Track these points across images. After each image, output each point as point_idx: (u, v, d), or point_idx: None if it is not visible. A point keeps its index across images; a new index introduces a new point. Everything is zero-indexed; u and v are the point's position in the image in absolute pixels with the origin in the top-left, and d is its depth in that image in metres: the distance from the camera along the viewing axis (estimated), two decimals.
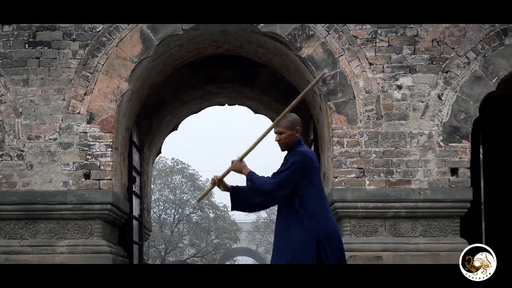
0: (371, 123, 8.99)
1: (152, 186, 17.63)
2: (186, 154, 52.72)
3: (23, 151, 8.92)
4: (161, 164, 39.23)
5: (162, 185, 39.88)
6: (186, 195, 40.48)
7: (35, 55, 9.05)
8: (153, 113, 11.87)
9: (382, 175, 8.91)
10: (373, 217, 8.92)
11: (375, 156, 8.94)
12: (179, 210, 40.36)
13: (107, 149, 8.95)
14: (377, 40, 9.09)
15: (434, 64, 9.05)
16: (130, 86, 9.16)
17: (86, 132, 8.96)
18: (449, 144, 8.95)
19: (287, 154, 5.66)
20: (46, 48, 9.05)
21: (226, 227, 40.40)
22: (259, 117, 13.37)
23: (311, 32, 9.10)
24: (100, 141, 8.94)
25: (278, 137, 5.61)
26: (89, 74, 9.02)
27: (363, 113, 8.99)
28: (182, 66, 10.57)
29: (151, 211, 15.63)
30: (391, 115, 9.01)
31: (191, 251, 40.50)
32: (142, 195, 11.62)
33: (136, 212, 10.84)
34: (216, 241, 40.44)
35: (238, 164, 5.58)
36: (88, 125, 8.97)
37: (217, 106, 13.19)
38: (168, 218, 40.34)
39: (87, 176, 8.91)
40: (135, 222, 10.74)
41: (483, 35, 9.05)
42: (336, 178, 8.91)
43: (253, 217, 41.57)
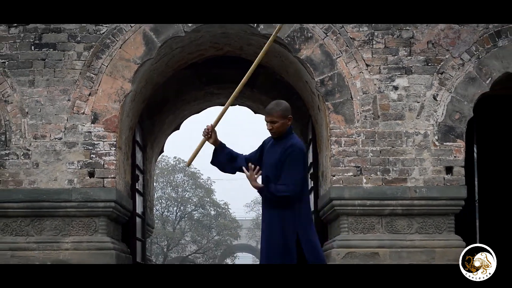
0: (368, 123, 9.00)
1: (154, 184, 17.63)
2: (187, 153, 52.68)
3: (29, 150, 8.94)
4: (164, 163, 39.27)
5: (165, 183, 39.90)
6: (188, 193, 40.51)
7: (41, 57, 9.06)
8: (155, 113, 11.88)
9: (378, 173, 8.92)
10: (370, 215, 8.93)
11: (372, 155, 8.95)
12: (181, 208, 40.39)
13: (111, 148, 8.97)
14: (374, 42, 9.10)
15: (430, 66, 9.06)
16: (133, 87, 9.17)
17: (90, 132, 8.97)
18: (444, 143, 8.96)
19: (279, 142, 5.62)
20: (52, 49, 9.07)
21: (227, 224, 40.44)
22: (259, 117, 13.37)
23: (309, 34, 9.11)
24: (104, 140, 8.96)
25: (271, 126, 5.57)
26: (93, 75, 9.04)
27: (360, 113, 9.00)
28: (184, 67, 10.57)
29: (154, 208, 15.62)
30: (387, 115, 9.02)
31: (192, 247, 40.53)
32: (145, 193, 11.63)
33: (139, 209, 10.85)
34: (217, 238, 40.47)
35: (253, 180, 5.53)
36: (92, 125, 8.98)
37: (218, 106, 13.19)
38: (171, 216, 40.37)
39: (91, 175, 8.93)
40: (138, 219, 10.75)
41: (477, 37, 9.06)
42: (334, 176, 8.93)
43: (253, 214, 41.54)
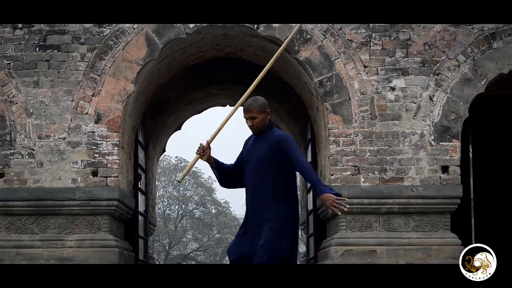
0: (366, 123, 9.00)
1: (156, 183, 17.63)
2: (189, 153, 52.68)
3: (33, 149, 8.94)
4: (165, 162, 39.27)
5: (167, 182, 39.91)
6: (189, 191, 40.53)
7: (45, 58, 9.06)
8: (157, 114, 11.88)
9: (376, 172, 8.92)
10: (368, 213, 8.93)
11: (369, 154, 8.96)
12: (183, 206, 40.41)
13: (114, 148, 8.97)
14: (372, 44, 9.10)
15: (426, 67, 9.06)
16: (136, 88, 9.17)
17: (94, 132, 8.97)
18: (440, 143, 8.97)
19: (262, 138, 5.47)
20: (56, 51, 9.07)
21: (228, 222, 40.43)
22: None
23: (308, 36, 9.11)
24: (107, 140, 8.96)
25: (251, 122, 5.42)
26: (96, 76, 9.04)
27: (358, 114, 9.01)
28: (185, 68, 10.57)
29: (156, 207, 15.62)
30: (384, 116, 9.02)
31: (194, 245, 40.54)
32: (147, 192, 11.63)
33: (141, 208, 10.85)
34: (218, 236, 40.46)
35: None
36: (95, 125, 8.99)
37: (218, 106, 13.19)
38: (172, 214, 40.39)
39: (94, 174, 8.93)
40: (140, 218, 10.75)
41: (472, 39, 9.06)
42: (332, 175, 8.93)
43: None
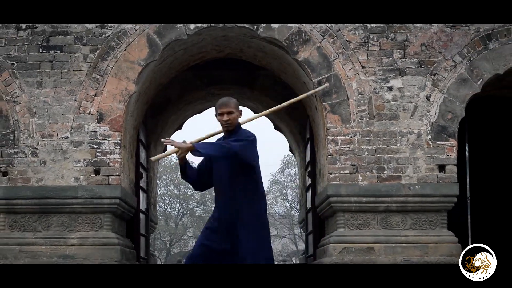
0: (364, 122, 9.01)
1: (158, 181, 17.66)
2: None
3: (37, 148, 8.96)
4: (167, 161, 39.23)
5: (168, 180, 39.89)
6: (190, 190, 40.50)
7: (48, 59, 9.07)
8: (159, 113, 11.89)
9: (374, 171, 8.94)
10: (366, 211, 8.94)
11: (367, 153, 8.97)
12: (184, 204, 40.39)
13: (116, 147, 8.98)
14: (369, 45, 9.11)
15: (423, 67, 9.08)
16: (138, 88, 9.19)
17: (96, 131, 8.98)
18: (437, 142, 8.98)
19: (231, 137, 5.25)
20: (59, 52, 9.08)
21: None
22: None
23: (307, 37, 9.12)
24: (109, 139, 8.97)
25: (228, 117, 5.19)
26: (99, 77, 9.05)
27: (356, 113, 9.02)
28: (186, 69, 10.58)
29: (157, 205, 15.64)
30: (382, 115, 9.03)
31: (194, 243, 40.48)
32: (149, 190, 11.64)
33: (143, 206, 10.86)
34: None
35: (179, 143, 5.14)
36: (98, 125, 9.00)
37: None
38: (173, 212, 40.37)
39: (97, 172, 8.94)
40: (142, 216, 10.77)
41: (468, 39, 9.07)
42: (331, 174, 8.94)
43: None
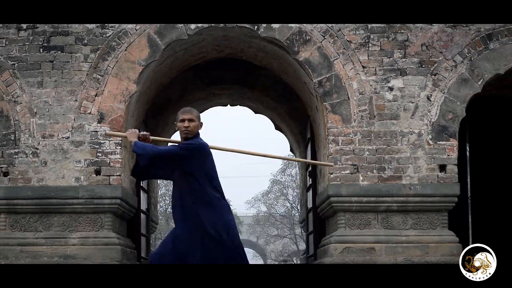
0: (365, 122, 8.99)
1: (158, 181, 17.64)
2: None
3: (37, 149, 8.94)
4: None
5: (168, 180, 39.81)
6: None
7: (49, 59, 9.06)
8: (159, 113, 11.87)
9: (374, 171, 8.91)
10: (367, 211, 8.92)
11: (368, 153, 8.95)
12: None
13: (117, 147, 8.96)
14: (370, 45, 9.09)
15: (423, 67, 9.05)
16: (138, 88, 9.16)
17: (96, 131, 8.97)
18: (438, 142, 8.96)
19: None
20: (60, 52, 9.06)
21: None
22: (259, 117, 13.36)
23: (308, 37, 9.10)
24: (110, 139, 8.95)
25: (189, 124, 5.47)
26: (99, 77, 9.03)
27: (357, 113, 9.00)
28: (187, 69, 10.57)
29: (158, 205, 15.63)
30: (383, 115, 9.01)
31: None
32: (149, 190, 11.62)
33: (143, 206, 10.85)
34: None
35: (132, 133, 5.49)
36: (98, 125, 8.98)
37: (219, 106, 13.19)
38: None
39: (97, 172, 8.92)
40: (142, 216, 10.75)
41: (469, 39, 9.05)
42: (331, 174, 8.92)
43: (254, 211, 41.51)
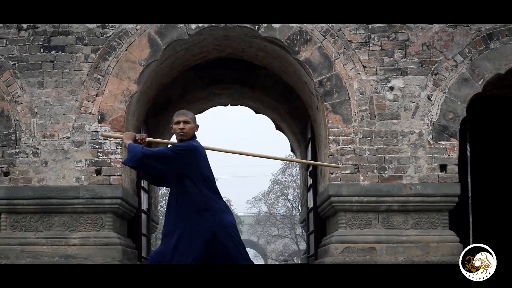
0: (365, 122, 8.98)
1: None
2: None
3: (38, 148, 8.93)
4: None
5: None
6: None
7: (50, 59, 9.05)
8: (160, 113, 11.87)
9: (375, 171, 8.91)
10: (367, 211, 8.92)
11: (368, 153, 8.94)
12: None
13: (117, 147, 8.96)
14: (371, 44, 9.08)
15: (424, 67, 9.05)
16: (139, 88, 9.16)
17: (97, 131, 8.96)
18: (438, 142, 8.95)
19: None
20: (60, 52, 9.06)
21: None
22: (260, 117, 13.36)
23: (308, 37, 9.10)
24: (110, 139, 8.95)
25: (184, 125, 5.41)
26: (100, 77, 9.03)
27: (358, 113, 8.99)
28: (187, 68, 10.57)
29: (159, 205, 15.61)
30: (383, 115, 9.00)
31: None
32: (150, 190, 11.62)
33: (144, 206, 10.84)
34: None
35: (128, 135, 5.50)
36: (99, 124, 8.98)
37: (220, 106, 13.19)
38: None
39: (98, 172, 8.92)
40: (143, 216, 10.74)
41: (469, 39, 9.04)
42: (332, 174, 8.91)
43: (254, 211, 41.55)
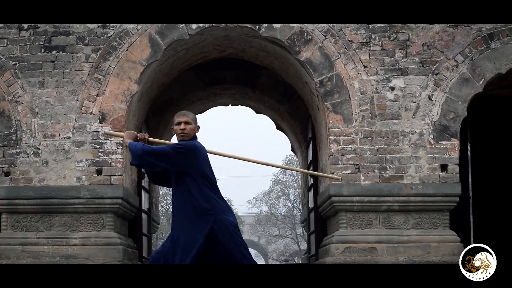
0: (366, 122, 8.98)
1: None
2: None
3: (39, 149, 8.94)
4: None
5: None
6: None
7: (50, 59, 9.06)
8: (161, 113, 11.87)
9: (376, 171, 8.91)
10: (368, 211, 8.92)
11: (369, 153, 8.94)
12: None
13: (118, 147, 8.96)
14: (371, 44, 9.08)
15: (425, 67, 9.05)
16: (140, 88, 9.16)
17: (98, 131, 8.97)
18: (439, 142, 8.95)
19: None
20: (61, 52, 9.06)
21: None
22: (260, 117, 13.36)
23: (309, 37, 9.10)
24: (111, 139, 8.95)
25: (184, 126, 5.40)
26: (101, 77, 9.03)
27: (358, 113, 8.99)
28: (188, 68, 10.57)
29: (159, 205, 15.61)
30: (384, 115, 9.00)
31: None
32: (151, 190, 11.62)
33: (145, 206, 10.84)
34: None
35: (129, 134, 5.50)
36: (100, 124, 8.98)
37: (221, 106, 13.19)
38: None
39: (99, 172, 8.92)
40: (144, 216, 10.74)
41: (470, 39, 9.04)
42: (333, 174, 8.91)
43: (255, 211, 41.58)
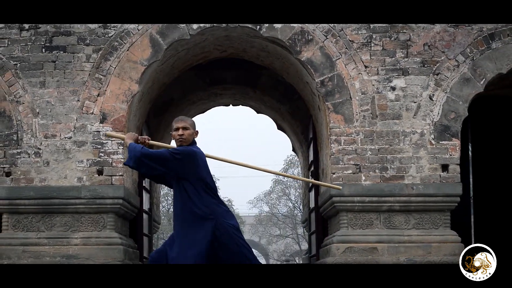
0: (367, 122, 8.99)
1: None
2: None
3: (40, 149, 8.94)
4: None
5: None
6: None
7: (51, 59, 9.06)
8: (162, 113, 11.87)
9: (377, 171, 8.91)
10: (369, 211, 8.92)
11: (370, 153, 8.94)
12: None
13: (119, 147, 8.96)
14: (372, 44, 9.09)
15: (426, 67, 9.05)
16: (140, 88, 9.17)
17: (99, 131, 8.97)
18: (440, 142, 8.95)
19: None
20: (62, 52, 9.07)
21: None
22: (261, 117, 13.36)
23: (310, 37, 9.10)
24: (112, 139, 8.95)
25: (182, 132, 5.44)
26: (102, 77, 9.03)
27: (359, 113, 8.99)
28: (189, 68, 10.57)
29: (160, 205, 15.61)
30: (385, 115, 9.01)
31: None
32: (152, 190, 11.62)
33: (146, 206, 10.85)
34: None
35: (130, 135, 5.52)
36: (101, 125, 8.98)
37: (222, 106, 13.19)
38: None
39: (100, 172, 8.93)
40: (145, 216, 10.74)
41: (471, 39, 9.04)
42: (334, 174, 8.91)
43: (256, 211, 41.57)
